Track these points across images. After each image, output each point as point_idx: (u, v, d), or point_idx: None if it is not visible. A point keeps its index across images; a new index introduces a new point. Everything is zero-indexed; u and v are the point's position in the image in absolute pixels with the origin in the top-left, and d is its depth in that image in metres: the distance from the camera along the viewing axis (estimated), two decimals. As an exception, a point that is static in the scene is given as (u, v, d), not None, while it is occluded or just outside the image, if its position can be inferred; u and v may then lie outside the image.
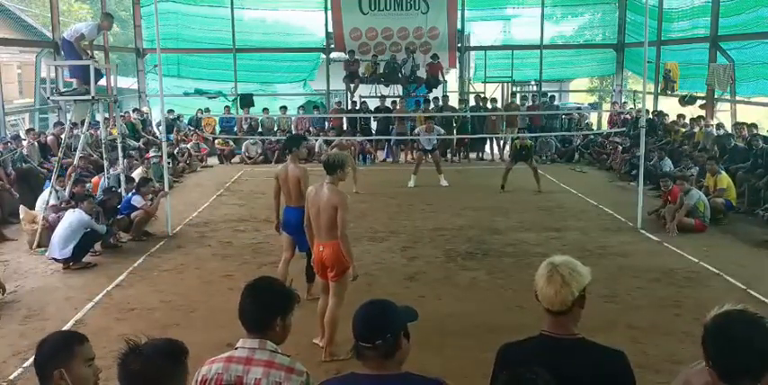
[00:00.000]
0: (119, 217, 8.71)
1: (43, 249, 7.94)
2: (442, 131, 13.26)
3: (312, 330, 5.32)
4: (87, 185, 9.67)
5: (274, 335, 2.46)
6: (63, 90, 9.87)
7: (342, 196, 4.93)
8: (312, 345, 5.22)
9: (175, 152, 14.35)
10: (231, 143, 16.36)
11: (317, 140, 16.07)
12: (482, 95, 17.19)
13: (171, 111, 16.25)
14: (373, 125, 16.65)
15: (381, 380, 2.17)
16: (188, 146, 15.18)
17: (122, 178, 9.89)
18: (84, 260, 7.60)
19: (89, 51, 9.20)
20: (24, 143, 11.50)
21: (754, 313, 1.94)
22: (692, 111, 14.67)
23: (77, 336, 2.32)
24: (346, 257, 4.96)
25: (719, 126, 12.87)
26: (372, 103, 16.81)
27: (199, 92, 18.01)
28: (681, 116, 14.52)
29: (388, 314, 2.22)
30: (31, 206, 8.97)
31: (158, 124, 14.85)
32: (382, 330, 2.16)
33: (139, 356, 2.03)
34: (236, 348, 2.44)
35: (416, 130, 13.46)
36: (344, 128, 16.81)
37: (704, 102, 14.19)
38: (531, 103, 17.07)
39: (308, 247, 6.17)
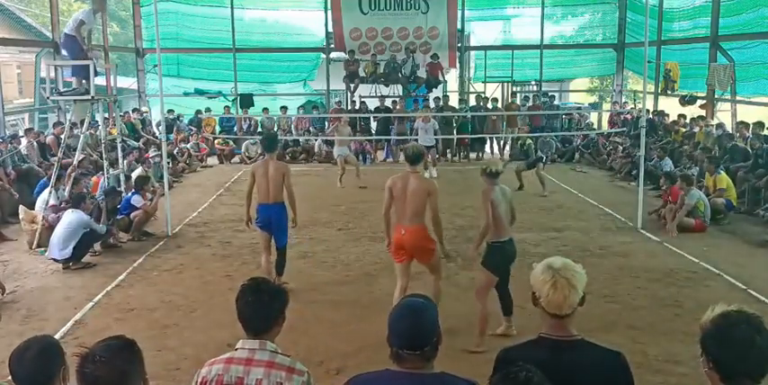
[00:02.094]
0: (118, 217, 8.71)
1: (43, 249, 7.94)
2: (437, 127, 13.49)
3: (311, 330, 5.32)
4: (88, 183, 9.69)
5: (274, 335, 2.48)
6: (63, 90, 9.87)
7: (433, 183, 5.50)
8: (311, 346, 5.21)
9: (175, 152, 14.36)
10: (231, 143, 16.37)
11: (316, 140, 16.10)
12: (482, 95, 17.19)
13: (171, 111, 16.25)
14: (373, 125, 16.66)
15: (419, 379, 2.14)
16: (188, 146, 15.18)
17: (122, 178, 9.89)
18: (83, 260, 7.59)
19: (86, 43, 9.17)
20: (24, 141, 11.51)
21: (752, 313, 1.93)
22: (693, 111, 14.67)
23: (53, 337, 2.52)
24: (438, 237, 5.37)
25: (719, 126, 12.86)
26: (372, 103, 16.81)
27: (199, 92, 18.00)
28: (681, 116, 14.52)
29: (434, 317, 2.19)
30: (31, 206, 8.97)
31: (158, 124, 14.86)
32: (431, 336, 2.15)
33: (100, 363, 2.03)
34: (235, 349, 2.44)
35: (415, 125, 13.56)
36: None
37: (704, 102, 14.19)
38: (531, 103, 17.07)
39: (281, 245, 6.47)
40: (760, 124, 11.42)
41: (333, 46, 18.01)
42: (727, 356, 1.87)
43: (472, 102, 17.04)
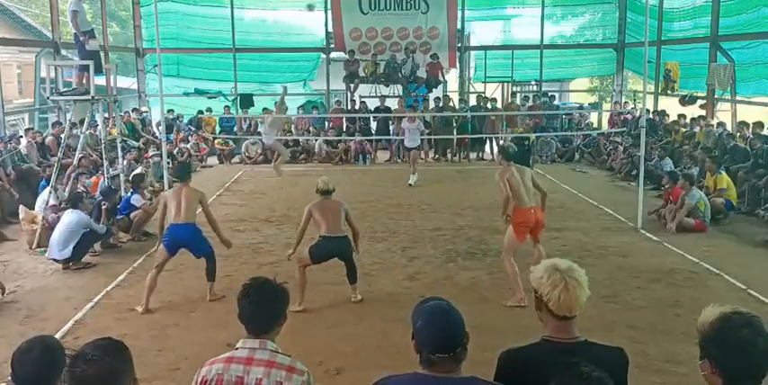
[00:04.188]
0: (118, 217, 8.70)
1: (43, 249, 7.93)
2: (423, 128, 13.51)
3: (311, 330, 5.32)
4: (87, 182, 9.68)
5: (275, 335, 2.48)
6: (63, 90, 9.87)
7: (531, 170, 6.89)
8: (311, 346, 5.20)
9: (175, 152, 14.35)
10: (231, 143, 16.37)
11: (316, 140, 16.09)
12: (482, 95, 17.19)
13: (171, 110, 16.24)
14: (373, 125, 16.66)
15: (450, 383, 2.11)
16: (188, 146, 15.18)
17: (122, 178, 9.88)
18: (83, 260, 7.59)
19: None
20: (24, 141, 11.50)
21: (751, 314, 1.92)
22: (693, 110, 14.67)
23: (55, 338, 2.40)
24: (542, 205, 6.70)
25: (721, 125, 12.86)
26: (372, 103, 16.81)
27: (199, 92, 18.00)
28: (681, 116, 14.52)
29: (461, 318, 2.18)
30: (31, 206, 8.96)
31: (158, 124, 14.86)
32: (461, 337, 2.13)
33: (91, 362, 2.01)
34: (236, 348, 2.43)
35: (402, 125, 13.53)
36: (344, 128, 16.82)
37: (704, 101, 14.19)
38: (531, 103, 17.08)
39: (205, 252, 6.51)
40: (760, 124, 11.42)
41: (333, 46, 18.01)
42: (732, 360, 1.85)
43: (472, 101, 17.03)
